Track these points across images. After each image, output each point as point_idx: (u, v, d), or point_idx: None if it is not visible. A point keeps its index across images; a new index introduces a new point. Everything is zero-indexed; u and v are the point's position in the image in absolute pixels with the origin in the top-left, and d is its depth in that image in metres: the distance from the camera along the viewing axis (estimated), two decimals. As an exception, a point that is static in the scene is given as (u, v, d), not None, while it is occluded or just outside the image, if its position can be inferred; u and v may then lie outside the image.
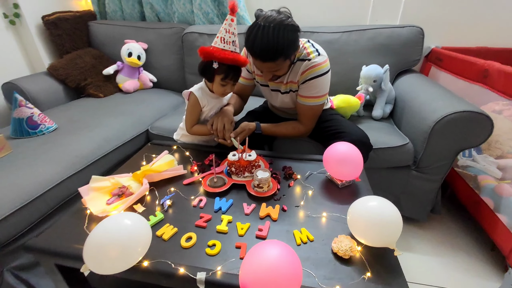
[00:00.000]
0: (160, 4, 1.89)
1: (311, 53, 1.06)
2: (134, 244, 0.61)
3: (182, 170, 1.00)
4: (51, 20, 1.73)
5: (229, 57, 0.96)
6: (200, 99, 1.08)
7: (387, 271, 0.64)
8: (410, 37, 1.52)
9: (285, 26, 0.89)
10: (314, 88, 1.08)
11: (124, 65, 1.80)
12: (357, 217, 0.69)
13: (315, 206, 0.85)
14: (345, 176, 0.91)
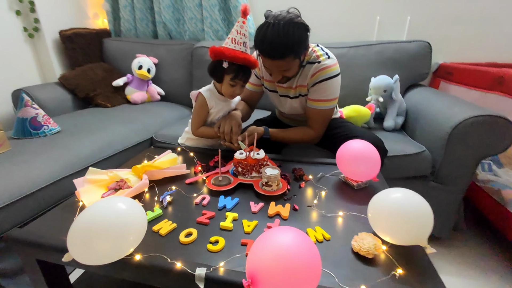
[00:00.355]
0: (172, 23, 1.97)
1: (320, 56, 1.04)
2: (125, 232, 0.54)
3: (185, 169, 0.94)
4: (68, 34, 1.80)
5: (239, 56, 0.95)
6: (208, 99, 1.05)
7: (419, 270, 0.54)
8: (418, 50, 1.53)
9: (294, 24, 0.88)
10: (324, 91, 1.05)
11: (134, 77, 1.83)
12: (380, 212, 0.61)
13: (330, 206, 0.76)
14: (361, 176, 0.83)
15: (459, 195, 1.20)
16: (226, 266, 0.55)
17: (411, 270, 0.54)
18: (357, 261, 0.58)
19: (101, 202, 0.55)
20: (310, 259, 0.44)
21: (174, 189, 0.84)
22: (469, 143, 1.08)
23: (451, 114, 1.13)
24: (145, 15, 2.01)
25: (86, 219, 0.52)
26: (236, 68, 0.97)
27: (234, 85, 1.00)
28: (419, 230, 0.56)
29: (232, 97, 1.07)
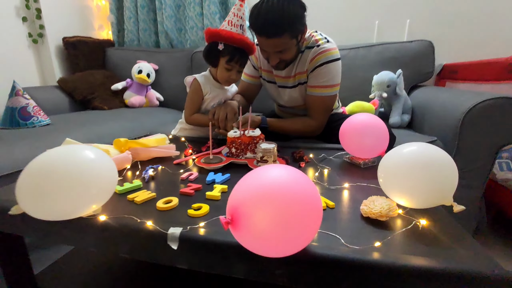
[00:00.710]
0: (174, 33, 2.01)
1: (319, 40, 1.01)
2: (87, 183, 0.45)
3: (175, 150, 0.86)
4: (71, 41, 1.83)
5: (235, 37, 0.92)
6: (202, 84, 1.01)
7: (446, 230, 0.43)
8: (420, 49, 1.50)
9: (290, 0, 0.86)
10: (325, 76, 1.00)
11: (133, 82, 1.82)
12: (394, 172, 0.51)
13: (334, 182, 0.67)
14: (368, 152, 0.74)
15: (478, 190, 1.08)
16: (207, 226, 0.45)
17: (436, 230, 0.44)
18: (367, 225, 0.47)
19: (61, 147, 0.47)
20: (306, 196, 0.35)
21: (159, 165, 0.76)
22: (484, 129, 1.00)
23: (461, 101, 1.06)
24: (148, 25, 2.06)
25: (40, 164, 0.44)
26: (232, 50, 0.93)
27: (230, 69, 0.96)
28: (442, 186, 0.47)
29: (228, 83, 1.03)
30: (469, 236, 0.42)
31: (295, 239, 0.33)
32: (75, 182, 0.44)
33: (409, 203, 0.49)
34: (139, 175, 0.71)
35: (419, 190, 0.47)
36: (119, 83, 1.80)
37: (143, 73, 1.79)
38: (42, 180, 0.43)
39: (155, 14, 2.05)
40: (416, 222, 0.44)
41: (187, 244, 0.42)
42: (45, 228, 0.50)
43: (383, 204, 0.48)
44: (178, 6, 1.99)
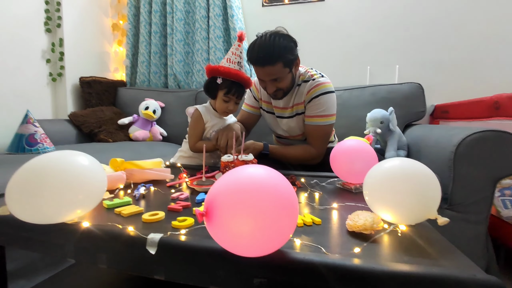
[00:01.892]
0: (182, 75, 2.17)
1: (314, 75, 1.10)
2: (74, 187, 0.46)
3: (170, 174, 0.87)
4: (87, 80, 1.99)
5: (232, 72, 1.01)
6: (203, 114, 1.08)
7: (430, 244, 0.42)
8: (410, 90, 1.58)
9: (281, 35, 0.97)
10: (321, 106, 1.06)
11: (140, 118, 1.91)
12: (377, 187, 0.52)
13: (324, 203, 0.66)
14: (359, 176, 0.75)
15: (482, 226, 1.03)
16: (189, 234, 0.45)
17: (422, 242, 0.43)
18: (351, 238, 0.46)
19: (54, 152, 0.49)
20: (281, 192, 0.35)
21: (151, 185, 0.77)
22: (477, 161, 1.00)
23: (452, 135, 1.08)
24: (159, 69, 2.24)
25: (31, 166, 0.46)
26: (229, 84, 1.02)
27: (227, 100, 1.04)
28: (426, 199, 0.47)
29: (226, 113, 1.09)
30: (455, 249, 0.41)
31: (270, 234, 0.33)
32: (63, 185, 0.45)
33: (394, 217, 0.48)
34: (131, 194, 0.71)
35: (402, 203, 0.47)
36: (126, 118, 1.89)
37: (149, 110, 1.88)
38: (31, 181, 0.44)
39: (166, 59, 2.25)
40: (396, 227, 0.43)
41: (166, 251, 0.41)
42: (27, 235, 0.49)
43: (367, 217, 0.47)
44: (188, 53, 2.18)
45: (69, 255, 0.47)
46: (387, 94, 1.61)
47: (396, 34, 1.80)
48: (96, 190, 0.49)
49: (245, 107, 1.27)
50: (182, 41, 2.13)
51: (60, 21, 1.88)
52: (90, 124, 1.78)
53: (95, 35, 2.17)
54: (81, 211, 0.48)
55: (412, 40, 1.77)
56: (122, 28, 2.32)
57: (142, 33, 2.21)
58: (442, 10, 1.71)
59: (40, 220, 0.44)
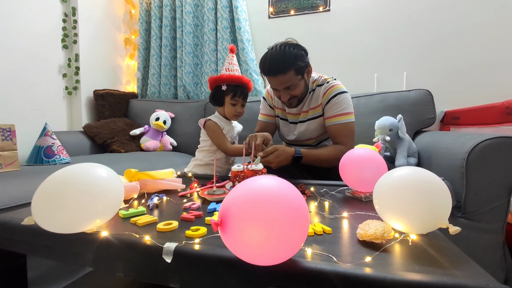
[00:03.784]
0: (191, 86, 2.23)
1: (328, 78, 1.14)
2: (95, 197, 0.48)
3: (181, 184, 0.90)
4: (100, 93, 2.06)
5: (234, 77, 1.09)
6: (218, 122, 1.14)
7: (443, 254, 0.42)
8: (419, 97, 1.58)
9: (291, 45, 1.01)
10: (341, 104, 1.09)
11: (150, 128, 1.96)
12: (387, 196, 0.52)
13: (334, 212, 0.67)
14: (368, 184, 0.75)
15: (498, 236, 1.01)
16: (203, 243, 0.46)
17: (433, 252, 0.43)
18: (362, 247, 0.46)
19: (76, 165, 0.52)
20: (292, 202, 0.37)
21: (164, 195, 0.79)
22: (491, 168, 0.99)
23: (464, 141, 1.07)
24: (169, 80, 2.31)
25: (56, 177, 0.49)
26: (234, 88, 1.09)
27: (235, 103, 1.11)
28: (436, 207, 0.47)
29: (235, 117, 1.15)
30: (467, 258, 0.41)
31: (282, 244, 0.34)
32: (85, 196, 0.47)
33: (405, 226, 0.49)
34: (145, 203, 0.73)
35: (413, 212, 0.47)
36: (138, 129, 1.94)
37: (160, 120, 1.93)
38: (55, 193, 0.47)
39: (175, 71, 2.31)
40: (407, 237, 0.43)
41: (181, 260, 0.43)
42: (49, 244, 0.52)
43: (378, 226, 0.47)
44: (196, 64, 2.24)
45: (88, 264, 0.49)
46: (395, 101, 1.60)
47: (403, 40, 1.80)
48: (114, 200, 0.51)
49: (262, 117, 1.30)
50: (191, 54, 2.19)
51: (76, 37, 1.97)
52: (103, 135, 1.84)
53: (109, 49, 2.26)
54: (100, 221, 0.50)
55: (420, 46, 1.77)
56: (134, 43, 2.41)
57: (153, 47, 2.29)
58: (450, 15, 1.71)
59: (62, 229, 0.47)
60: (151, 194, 0.81)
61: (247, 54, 2.03)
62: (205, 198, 0.78)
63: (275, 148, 0.97)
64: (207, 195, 0.78)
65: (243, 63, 2.05)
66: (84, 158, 1.53)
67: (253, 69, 2.04)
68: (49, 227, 0.46)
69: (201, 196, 0.79)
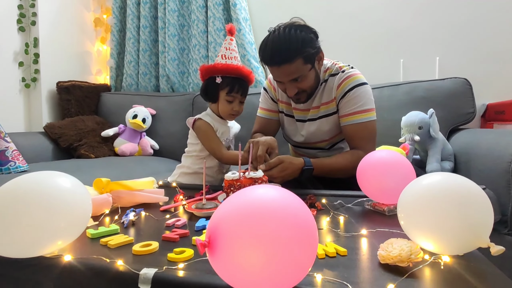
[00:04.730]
0: (176, 76, 2.24)
1: (343, 67, 1.13)
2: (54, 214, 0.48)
3: (163, 196, 0.90)
4: (65, 85, 2.07)
5: (231, 68, 1.07)
6: (211, 122, 1.12)
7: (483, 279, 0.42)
8: (454, 87, 1.58)
9: (297, 26, 0.99)
10: (359, 99, 1.08)
11: (126, 128, 1.97)
12: (415, 207, 0.52)
13: (350, 228, 0.67)
14: (392, 194, 0.75)
15: (552, 256, 1.00)
16: (187, 268, 0.46)
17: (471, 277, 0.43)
18: (384, 271, 0.46)
19: (31, 174, 0.52)
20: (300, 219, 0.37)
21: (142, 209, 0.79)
22: (543, 174, 0.99)
23: (510, 141, 1.08)
24: (149, 69, 2.32)
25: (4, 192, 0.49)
26: (230, 81, 1.07)
27: (231, 100, 1.08)
28: (476, 223, 0.47)
29: (231, 116, 1.14)
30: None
31: (284, 268, 0.34)
32: (42, 212, 0.47)
33: (436, 246, 0.49)
34: (118, 220, 0.74)
35: (446, 228, 0.47)
36: (111, 129, 1.95)
37: (138, 118, 1.94)
38: (5, 208, 0.47)
39: (157, 57, 2.32)
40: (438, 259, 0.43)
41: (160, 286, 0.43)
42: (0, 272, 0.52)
43: (403, 246, 0.47)
44: (182, 49, 2.25)
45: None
46: (425, 92, 1.61)
47: (435, 18, 1.81)
48: (80, 217, 0.51)
49: (261, 113, 1.29)
50: (176, 36, 2.20)
51: (35, 18, 1.98)
52: (69, 137, 1.85)
53: (75, 32, 2.27)
54: (62, 242, 0.50)
55: (456, 25, 1.78)
56: (106, 23, 2.42)
57: (130, 28, 2.30)
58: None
59: (16, 253, 0.47)
60: (126, 208, 0.81)
61: (244, 37, 2.04)
62: (192, 213, 0.79)
63: (280, 160, 0.97)
64: (195, 209, 0.79)
65: (239, 47, 2.06)
66: (45, 165, 1.54)
67: (251, 55, 2.05)
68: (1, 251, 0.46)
69: (188, 210, 0.80)
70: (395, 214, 0.76)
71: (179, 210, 0.83)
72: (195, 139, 1.16)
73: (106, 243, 0.59)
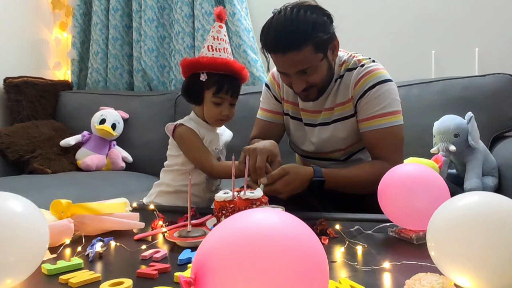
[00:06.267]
0: (155, 71, 2.27)
1: (362, 60, 1.15)
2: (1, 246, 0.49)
3: (138, 221, 0.91)
4: (14, 83, 2.09)
5: (219, 62, 1.09)
6: (195, 129, 1.13)
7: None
8: (498, 86, 1.62)
9: (307, 6, 1.01)
10: (382, 100, 1.09)
11: (92, 136, 1.98)
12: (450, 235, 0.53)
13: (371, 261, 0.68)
14: (422, 219, 0.76)
15: None
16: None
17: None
18: (412, 315, 0.47)
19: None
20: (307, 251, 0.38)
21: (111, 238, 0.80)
22: None
23: None
24: (120, 62, 2.35)
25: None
26: (218, 79, 1.09)
27: (219, 102, 1.10)
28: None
29: (219, 122, 1.16)
30: None
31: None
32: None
33: (473, 282, 0.50)
34: (81, 252, 0.74)
35: (485, 261, 0.49)
36: (72, 137, 1.96)
37: (106, 123, 1.95)
38: None
39: (131, 48, 2.36)
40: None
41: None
42: None
43: (434, 283, 0.49)
44: (163, 38, 2.29)
45: None
46: (462, 91, 1.64)
47: (475, 2, 1.85)
48: (34, 249, 0.52)
49: (262, 115, 1.31)
50: (155, 22, 2.24)
51: (-22, -1, 2.01)
52: (19, 148, 1.86)
53: (27, 17, 2.30)
54: (12, 281, 0.51)
55: (499, 11, 1.82)
56: (67, 5, 2.46)
57: (96, 11, 2.33)
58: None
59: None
60: (92, 237, 0.82)
61: (240, 22, 2.08)
62: (174, 242, 0.79)
63: (285, 171, 0.98)
64: (178, 238, 0.80)
65: (233, 36, 2.09)
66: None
67: (248, 44, 2.08)
68: None
69: (169, 239, 0.80)
70: (424, 242, 0.77)
71: (158, 239, 0.84)
72: (177, 149, 1.17)
73: (66, 281, 0.60)
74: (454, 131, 1.42)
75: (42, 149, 1.89)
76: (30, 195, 1.30)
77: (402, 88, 1.73)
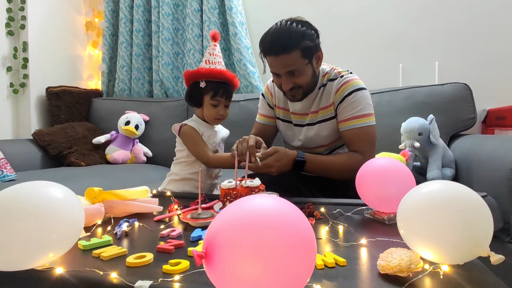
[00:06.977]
0: (170, 81, 2.25)
1: (342, 72, 1.16)
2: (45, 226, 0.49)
3: (157, 205, 0.90)
4: (55, 91, 2.07)
5: (214, 71, 1.12)
6: (196, 127, 1.16)
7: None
8: (455, 93, 1.61)
9: (299, 21, 1.04)
10: (358, 104, 1.11)
11: (119, 135, 1.97)
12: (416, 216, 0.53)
13: (350, 238, 0.68)
14: (393, 203, 0.75)
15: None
16: (184, 280, 0.46)
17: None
18: (384, 282, 0.47)
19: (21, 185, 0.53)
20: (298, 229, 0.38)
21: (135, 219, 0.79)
22: (545, 181, 1.01)
23: (510, 148, 1.10)
24: (142, 74, 2.33)
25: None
26: (214, 85, 1.12)
27: (216, 104, 1.13)
28: (475, 231, 0.48)
29: (217, 121, 1.19)
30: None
31: (282, 279, 0.35)
32: (33, 224, 0.48)
33: (436, 255, 0.50)
34: (111, 231, 0.74)
35: (446, 237, 0.49)
36: (102, 136, 1.95)
37: (130, 125, 1.94)
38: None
39: (150, 62, 2.34)
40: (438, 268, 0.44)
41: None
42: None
43: (403, 256, 0.48)
44: (177, 54, 2.27)
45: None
46: (425, 97, 1.64)
47: (435, 22, 1.85)
48: (72, 228, 0.52)
49: (259, 118, 1.34)
50: (170, 40, 2.22)
51: (25, 21, 1.99)
52: (59, 145, 1.85)
53: (65, 36, 2.29)
54: (53, 255, 0.50)
55: (456, 29, 1.82)
56: (98, 27, 2.44)
57: (122, 32, 2.32)
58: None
59: (4, 266, 0.47)
60: (119, 219, 0.81)
61: (240, 41, 2.07)
62: (187, 223, 0.79)
63: (276, 150, 1.02)
64: (191, 219, 0.79)
65: (235, 52, 2.08)
66: (34, 174, 1.54)
67: (247, 59, 2.07)
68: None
69: (183, 220, 0.80)
70: (395, 223, 0.77)
71: (174, 220, 0.84)
72: (182, 145, 1.20)
73: (98, 255, 0.59)
74: (418, 130, 1.42)
75: (78, 146, 1.88)
76: (68, 184, 1.31)
77: (374, 95, 1.72)
